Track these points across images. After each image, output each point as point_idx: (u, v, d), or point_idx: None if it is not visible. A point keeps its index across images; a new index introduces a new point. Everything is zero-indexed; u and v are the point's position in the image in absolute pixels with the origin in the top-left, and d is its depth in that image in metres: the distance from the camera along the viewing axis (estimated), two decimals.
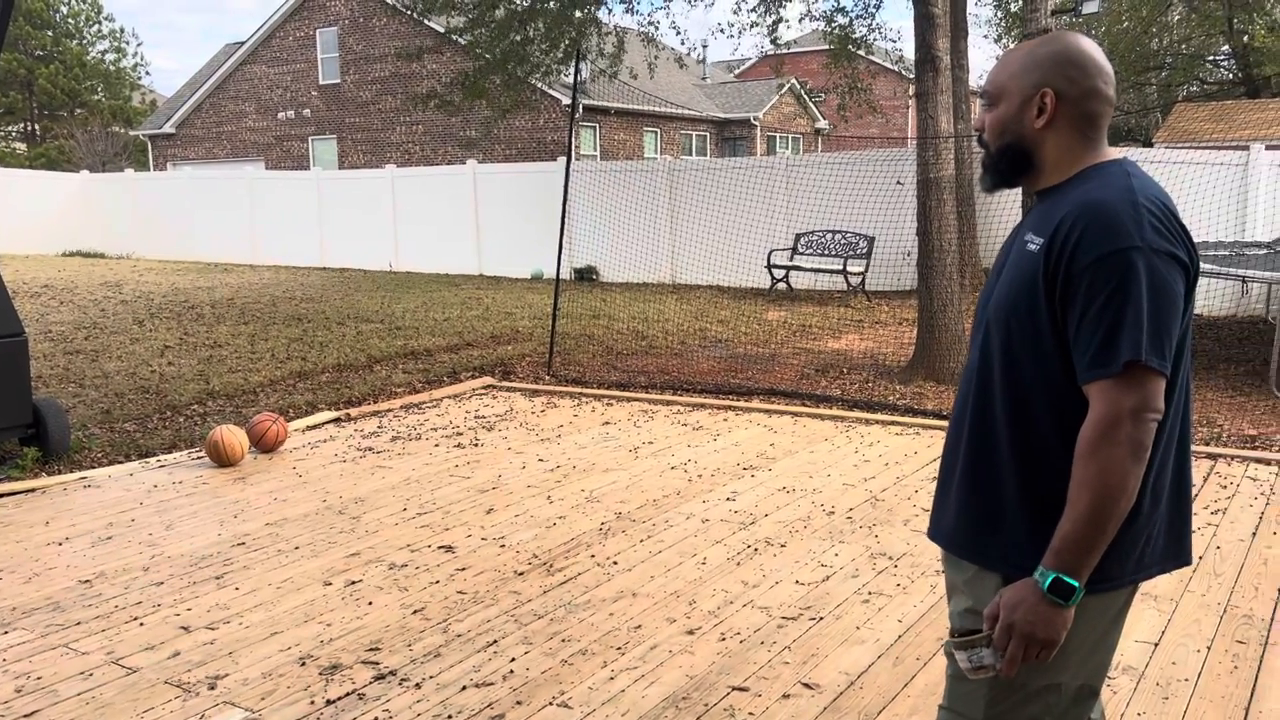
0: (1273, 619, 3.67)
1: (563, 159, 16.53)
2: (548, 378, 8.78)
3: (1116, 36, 24.85)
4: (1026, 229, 1.80)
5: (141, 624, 3.80)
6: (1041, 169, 1.80)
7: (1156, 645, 3.48)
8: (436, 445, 6.47)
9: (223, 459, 6.00)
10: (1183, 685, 3.20)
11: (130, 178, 24.45)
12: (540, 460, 6.08)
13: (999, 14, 25.34)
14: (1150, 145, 20.68)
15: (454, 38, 15.05)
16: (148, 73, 59.54)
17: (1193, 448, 6.04)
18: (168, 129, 29.20)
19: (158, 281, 16.93)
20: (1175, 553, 1.81)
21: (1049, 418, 1.71)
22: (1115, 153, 1.81)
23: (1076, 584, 1.63)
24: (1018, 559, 1.74)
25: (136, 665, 3.46)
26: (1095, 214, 1.65)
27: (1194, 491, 5.15)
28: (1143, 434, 1.61)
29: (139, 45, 54.83)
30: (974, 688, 1.80)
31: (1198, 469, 5.60)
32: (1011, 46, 1.78)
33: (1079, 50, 1.76)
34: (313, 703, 3.18)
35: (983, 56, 73.02)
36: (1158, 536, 1.78)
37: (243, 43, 28.09)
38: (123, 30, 44.63)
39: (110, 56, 42.06)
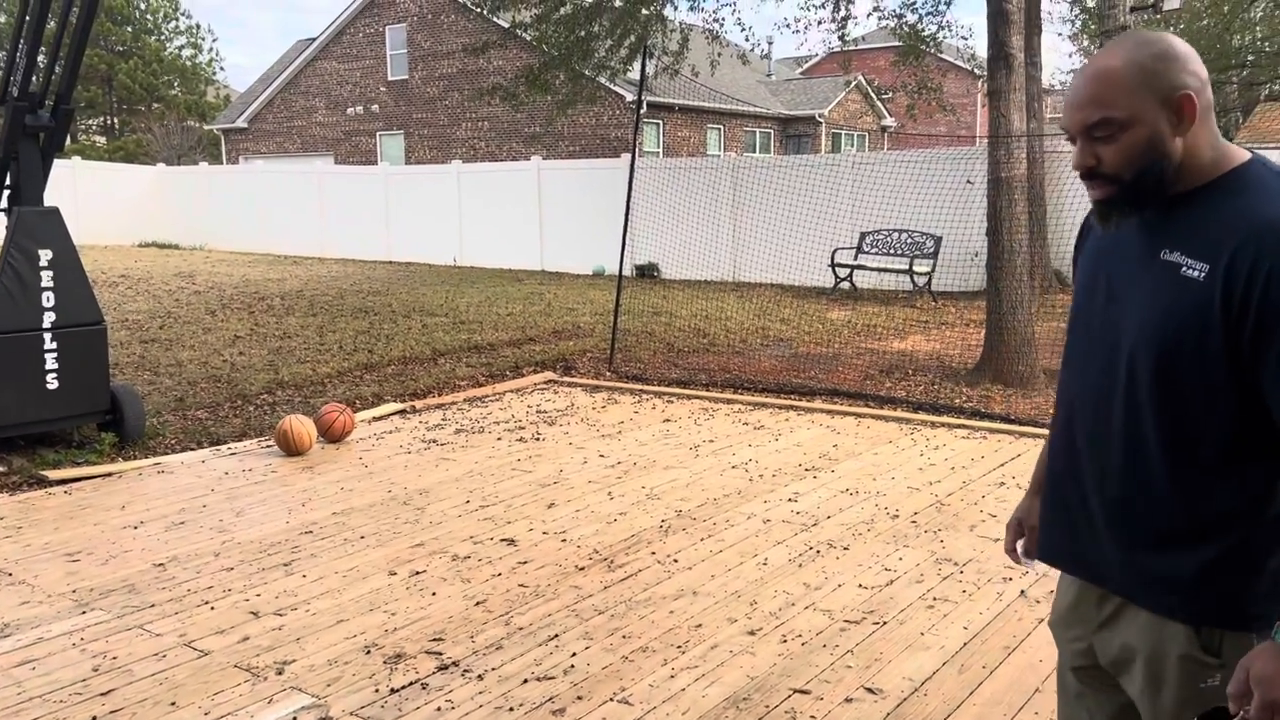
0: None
1: (626, 156, 16.54)
2: (609, 374, 8.80)
3: (1197, 34, 24.17)
4: (1162, 245, 1.62)
5: (212, 608, 3.89)
6: (1175, 180, 1.61)
7: None
8: (499, 439, 6.53)
9: (291, 448, 6.12)
10: None
11: (204, 171, 25.05)
12: (601, 456, 6.09)
13: (1075, 11, 24.80)
14: None
15: (519, 33, 15.15)
16: (222, 68, 61.01)
17: None
18: (240, 123, 29.84)
19: (229, 273, 17.32)
20: None
21: (1218, 460, 1.56)
22: (1237, 149, 1.64)
23: None
24: (1212, 613, 1.58)
25: (208, 648, 3.54)
26: None
27: None
28: None
29: (214, 41, 56.02)
30: None
31: None
32: (1086, 62, 1.64)
33: (1180, 42, 1.60)
34: (377, 690, 3.22)
35: (1057, 55, 71.31)
36: None
37: (314, 39, 28.59)
38: (199, 26, 45.81)
39: (187, 52, 43.15)
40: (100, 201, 22.93)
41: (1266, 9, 25.43)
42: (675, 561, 4.34)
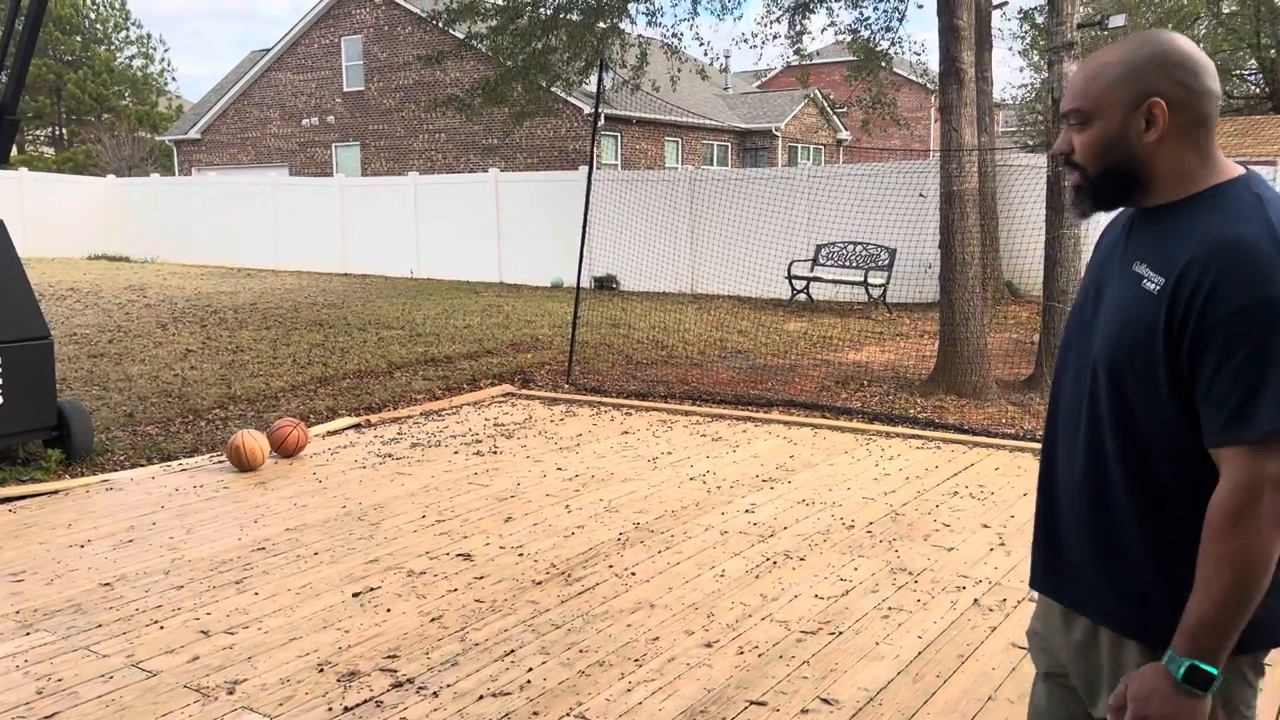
0: None
1: (584, 168, 16.57)
2: (567, 386, 8.78)
3: None
4: (1135, 256, 1.62)
5: (162, 627, 3.82)
6: (1151, 187, 1.60)
7: None
8: (456, 452, 6.48)
9: (244, 463, 6.03)
10: None
11: (155, 182, 24.69)
12: (559, 469, 6.07)
13: (1024, 27, 25.23)
14: None
15: (475, 44, 15.13)
16: (174, 78, 60.27)
17: None
18: (193, 135, 29.45)
19: (181, 285, 17.06)
20: None
21: (1171, 475, 1.55)
22: (1232, 166, 1.60)
23: (1215, 670, 1.47)
24: (1158, 633, 1.58)
25: (156, 669, 3.47)
26: (1231, 256, 1.45)
27: None
28: None
29: (166, 51, 55.39)
30: None
31: None
32: (1094, 53, 1.62)
33: (1183, 48, 1.56)
34: (330, 709, 3.18)
35: (1007, 70, 72.58)
36: None
37: (268, 50, 28.31)
38: (149, 36, 45.13)
39: (138, 62, 42.52)
40: (48, 213, 22.50)
41: (1209, 27, 26.07)
42: (632, 574, 4.34)
